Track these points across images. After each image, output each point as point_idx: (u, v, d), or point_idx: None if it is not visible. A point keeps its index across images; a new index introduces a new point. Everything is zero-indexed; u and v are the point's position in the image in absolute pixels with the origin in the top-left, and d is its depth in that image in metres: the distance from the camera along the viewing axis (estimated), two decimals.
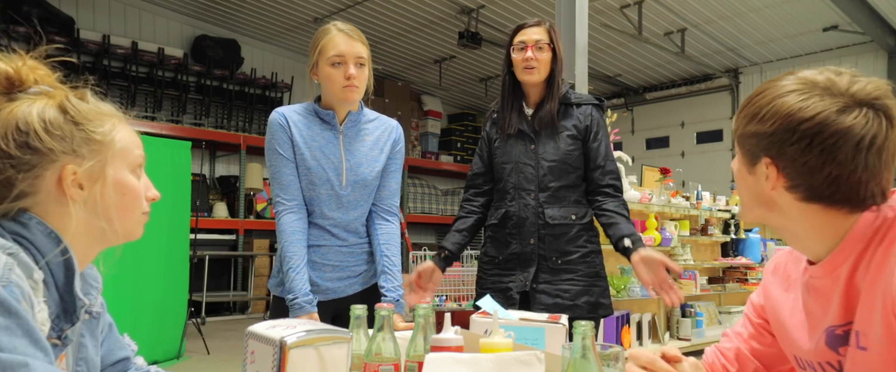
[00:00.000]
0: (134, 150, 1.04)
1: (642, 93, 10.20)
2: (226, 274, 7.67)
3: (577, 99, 2.30)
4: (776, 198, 1.01)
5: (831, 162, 0.93)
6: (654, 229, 4.71)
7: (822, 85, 0.95)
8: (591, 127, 2.26)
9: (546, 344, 1.36)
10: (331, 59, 1.86)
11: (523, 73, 2.22)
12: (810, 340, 1.06)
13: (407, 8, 7.45)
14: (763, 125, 0.98)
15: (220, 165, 8.26)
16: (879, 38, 7.58)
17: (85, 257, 1.03)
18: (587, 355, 0.92)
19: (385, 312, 1.18)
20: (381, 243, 1.98)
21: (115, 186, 1.01)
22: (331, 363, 1.06)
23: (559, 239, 2.19)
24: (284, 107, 1.97)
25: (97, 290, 1.11)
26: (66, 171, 0.97)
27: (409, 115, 9.58)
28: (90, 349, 1.06)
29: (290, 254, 1.85)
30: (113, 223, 1.02)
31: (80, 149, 0.98)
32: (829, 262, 1.01)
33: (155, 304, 4.46)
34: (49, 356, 0.84)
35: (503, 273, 2.24)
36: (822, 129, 0.93)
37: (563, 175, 2.23)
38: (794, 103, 0.95)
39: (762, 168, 1.00)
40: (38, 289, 0.92)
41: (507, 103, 2.30)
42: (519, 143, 2.27)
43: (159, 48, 7.42)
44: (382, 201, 2.02)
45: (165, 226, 4.54)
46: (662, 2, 7.08)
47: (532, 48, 2.19)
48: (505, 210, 2.25)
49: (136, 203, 1.05)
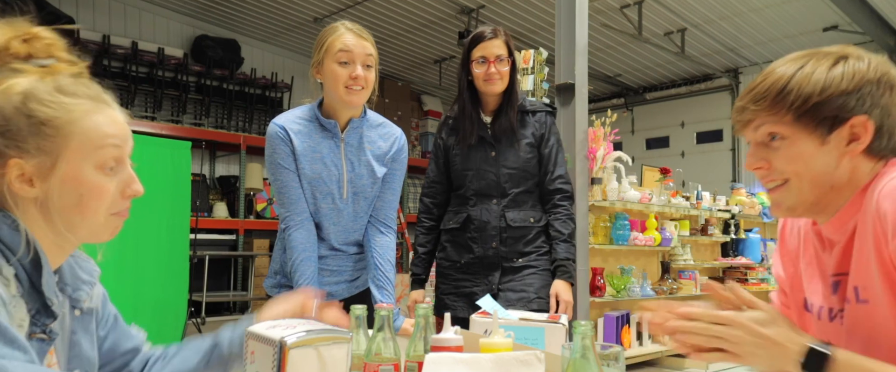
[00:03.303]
0: (103, 143, 0.92)
1: (642, 93, 10.19)
2: (226, 274, 7.66)
3: (531, 106, 2.38)
4: (844, 167, 0.99)
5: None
6: (654, 229, 4.71)
7: (835, 53, 1.01)
8: (545, 134, 2.35)
9: (546, 344, 1.36)
10: (337, 56, 1.79)
11: (484, 85, 2.27)
12: (819, 285, 1.08)
13: (407, 8, 7.45)
14: (841, 85, 0.97)
15: (220, 165, 8.26)
16: (879, 38, 7.58)
17: (55, 256, 0.95)
18: (587, 355, 0.92)
19: (385, 312, 1.18)
20: (377, 256, 1.93)
21: (68, 184, 0.90)
22: (331, 363, 1.06)
23: (519, 241, 2.26)
24: (283, 116, 1.90)
25: (90, 284, 1.04)
26: (10, 166, 0.88)
27: (409, 115, 9.58)
28: (84, 346, 1.01)
29: (301, 271, 1.82)
30: (69, 223, 0.92)
31: (27, 143, 0.88)
32: (841, 214, 1.02)
33: (155, 303, 4.46)
34: (28, 354, 0.79)
35: (466, 278, 2.28)
36: (891, 78, 0.98)
37: (521, 181, 2.29)
38: (860, 64, 0.98)
39: (846, 131, 0.98)
40: (10, 284, 0.86)
41: (466, 111, 2.33)
42: (479, 150, 2.32)
43: (159, 48, 7.41)
44: (379, 213, 1.97)
45: (165, 226, 4.55)
46: (662, 2, 7.08)
47: (494, 63, 2.24)
48: (467, 214, 2.30)
49: (99, 202, 0.93)
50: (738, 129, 1.07)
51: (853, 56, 1.00)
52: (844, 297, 1.03)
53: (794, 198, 1.03)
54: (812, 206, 1.03)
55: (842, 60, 0.99)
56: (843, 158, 0.99)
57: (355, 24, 1.85)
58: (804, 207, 1.04)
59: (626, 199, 4.45)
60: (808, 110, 0.97)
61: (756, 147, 1.04)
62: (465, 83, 2.33)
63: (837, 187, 1.00)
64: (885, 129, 0.99)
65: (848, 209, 1.01)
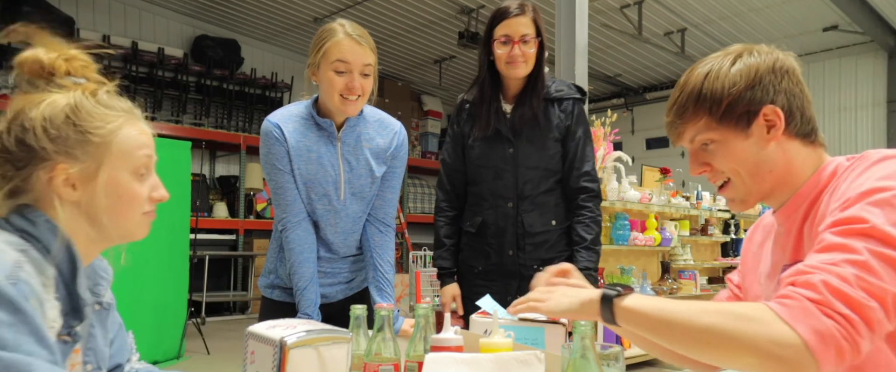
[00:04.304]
0: (137, 152, 1.03)
1: (642, 93, 10.19)
2: (226, 274, 7.67)
3: (557, 92, 2.11)
4: (774, 150, 1.05)
5: (802, 91, 1.06)
6: (654, 229, 4.71)
7: (735, 51, 1.09)
8: (572, 125, 2.09)
9: (546, 344, 1.36)
10: (334, 64, 1.70)
11: (506, 68, 2.03)
12: (772, 283, 1.12)
13: (407, 8, 7.45)
14: (742, 81, 1.04)
15: (220, 165, 8.26)
16: (879, 38, 7.58)
17: (85, 257, 1.02)
18: (587, 355, 0.92)
19: (385, 312, 1.18)
20: (376, 257, 1.87)
21: (109, 188, 1.00)
22: (331, 363, 1.06)
23: (539, 248, 2.06)
24: (278, 113, 1.82)
25: (107, 282, 1.12)
26: (58, 171, 0.96)
27: (409, 115, 9.58)
28: (99, 340, 1.06)
29: (300, 273, 1.77)
30: (108, 224, 1.01)
31: (74, 150, 0.97)
32: (789, 204, 1.07)
33: (155, 304, 4.46)
34: (54, 355, 0.85)
35: (484, 284, 2.08)
36: (783, 63, 1.06)
37: (542, 181, 2.07)
38: (752, 59, 1.06)
39: (762, 121, 1.04)
40: (50, 286, 0.93)
41: (485, 97, 2.09)
42: (496, 145, 2.09)
43: (159, 48, 7.42)
44: (379, 212, 1.89)
45: (165, 226, 4.55)
46: (662, 2, 7.08)
47: (519, 43, 1.99)
48: (482, 218, 2.11)
49: (134, 205, 1.03)
50: (674, 142, 1.13)
51: (746, 51, 1.07)
52: None
53: (740, 192, 1.10)
54: (761, 194, 1.09)
55: (738, 58, 1.06)
56: (769, 144, 1.05)
57: (356, 27, 1.75)
58: (754, 197, 1.10)
59: (626, 199, 4.45)
60: (725, 111, 1.04)
61: (695, 154, 1.11)
62: (485, 64, 2.08)
63: (776, 172, 1.06)
64: (794, 110, 1.05)
65: (797, 198, 1.06)
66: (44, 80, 1.00)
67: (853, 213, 0.89)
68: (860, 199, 0.90)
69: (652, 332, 0.92)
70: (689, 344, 0.88)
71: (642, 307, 0.93)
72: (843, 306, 0.81)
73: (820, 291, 0.82)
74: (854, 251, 0.85)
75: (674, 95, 1.10)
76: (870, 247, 0.84)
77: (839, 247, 0.86)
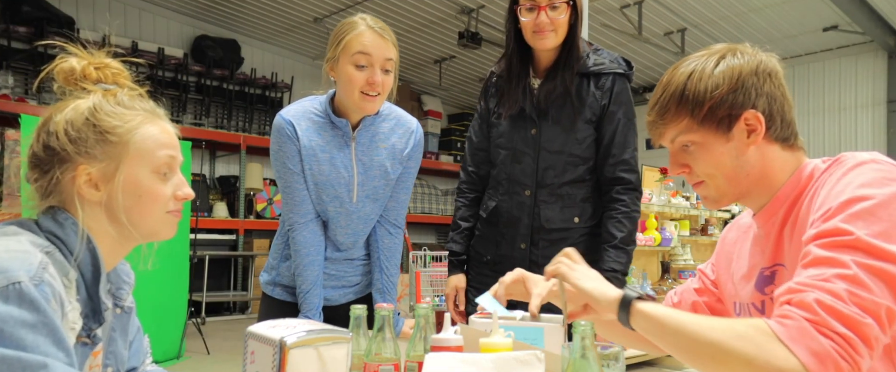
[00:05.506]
0: (158, 151, 1.05)
1: (642, 93, 10.19)
2: (226, 274, 7.67)
3: (596, 66, 1.85)
4: (753, 154, 1.05)
5: (783, 95, 1.05)
6: (654, 229, 4.71)
7: (719, 51, 1.07)
8: (608, 105, 1.84)
9: (546, 344, 1.36)
10: (355, 58, 1.61)
11: (534, 39, 1.81)
12: (748, 285, 1.12)
13: (407, 8, 7.45)
14: (722, 86, 1.03)
15: (220, 165, 8.26)
16: (879, 38, 7.58)
17: (111, 257, 1.04)
18: (587, 355, 0.92)
19: (385, 312, 1.18)
20: (382, 258, 1.82)
21: (129, 186, 1.02)
22: (331, 363, 1.06)
23: (555, 245, 1.80)
24: (292, 108, 1.74)
25: (130, 286, 1.14)
26: (80, 171, 0.99)
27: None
28: (119, 343, 1.08)
29: (305, 276, 1.73)
30: (129, 223, 1.03)
31: (94, 150, 0.99)
32: (768, 208, 1.07)
33: (155, 304, 4.46)
34: (71, 357, 0.86)
35: (492, 275, 1.86)
36: (766, 65, 1.05)
37: (568, 169, 1.85)
38: (735, 60, 1.04)
39: (742, 126, 1.04)
40: (72, 288, 0.94)
41: (513, 71, 1.89)
42: (519, 125, 1.89)
43: (159, 48, 7.41)
44: (390, 213, 1.83)
45: None
46: (662, 2, 7.07)
47: (545, 9, 1.76)
48: (496, 204, 1.93)
49: (155, 203, 1.05)
50: (656, 141, 1.12)
51: (729, 52, 1.06)
52: (770, 288, 1.07)
53: (714, 192, 1.10)
54: (735, 195, 1.10)
55: (722, 59, 1.05)
56: (748, 149, 1.05)
57: (378, 21, 1.66)
58: (729, 198, 1.11)
59: None
60: (707, 114, 1.04)
61: (675, 154, 1.11)
62: (512, 35, 1.86)
63: (753, 175, 1.06)
64: (775, 114, 1.05)
65: (776, 201, 1.06)
66: (76, 87, 1.03)
67: (836, 224, 0.89)
68: (842, 209, 0.90)
69: (662, 339, 0.94)
70: (695, 356, 0.89)
71: (657, 314, 0.94)
72: (839, 325, 0.81)
73: (815, 311, 0.83)
74: (842, 265, 0.85)
75: (656, 94, 1.09)
76: (857, 260, 0.85)
77: (827, 261, 0.86)
